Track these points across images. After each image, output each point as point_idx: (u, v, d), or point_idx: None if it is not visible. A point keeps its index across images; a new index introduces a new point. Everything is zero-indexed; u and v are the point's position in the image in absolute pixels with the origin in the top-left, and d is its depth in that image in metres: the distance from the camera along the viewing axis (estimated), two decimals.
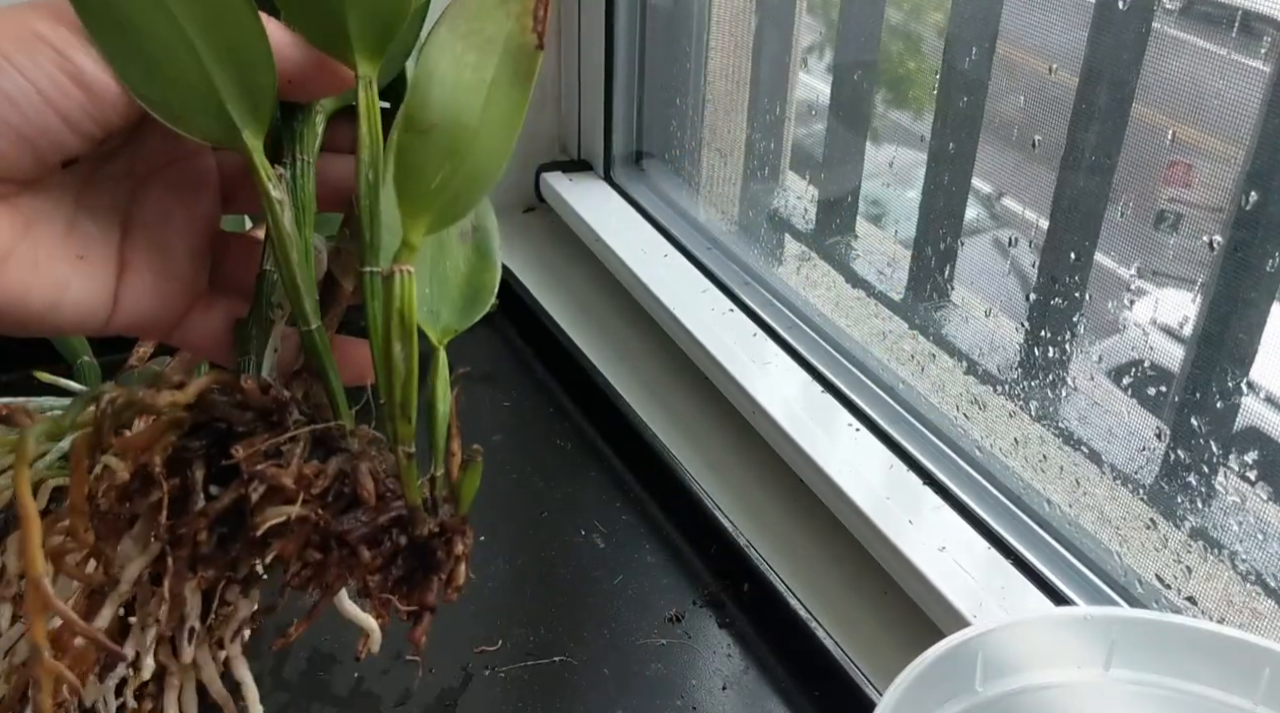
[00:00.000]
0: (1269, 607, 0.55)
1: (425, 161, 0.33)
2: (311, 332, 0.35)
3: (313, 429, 0.34)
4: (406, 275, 0.34)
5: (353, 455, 0.35)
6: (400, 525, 0.35)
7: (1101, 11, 0.58)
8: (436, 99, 0.33)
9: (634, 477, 0.76)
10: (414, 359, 0.35)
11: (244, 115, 0.34)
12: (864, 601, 0.67)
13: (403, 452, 0.35)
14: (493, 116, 0.33)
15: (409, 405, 0.35)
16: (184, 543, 0.33)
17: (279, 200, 0.34)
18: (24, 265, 0.33)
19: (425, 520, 0.36)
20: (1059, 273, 0.63)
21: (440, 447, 0.37)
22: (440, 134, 0.33)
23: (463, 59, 0.32)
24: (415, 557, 0.36)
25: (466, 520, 0.37)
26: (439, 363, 0.37)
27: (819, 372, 0.78)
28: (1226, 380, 0.56)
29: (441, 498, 0.37)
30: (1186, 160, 0.57)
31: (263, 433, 0.34)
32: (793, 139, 0.90)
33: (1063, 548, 0.62)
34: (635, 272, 0.89)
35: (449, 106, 0.33)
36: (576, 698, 0.59)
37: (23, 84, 0.31)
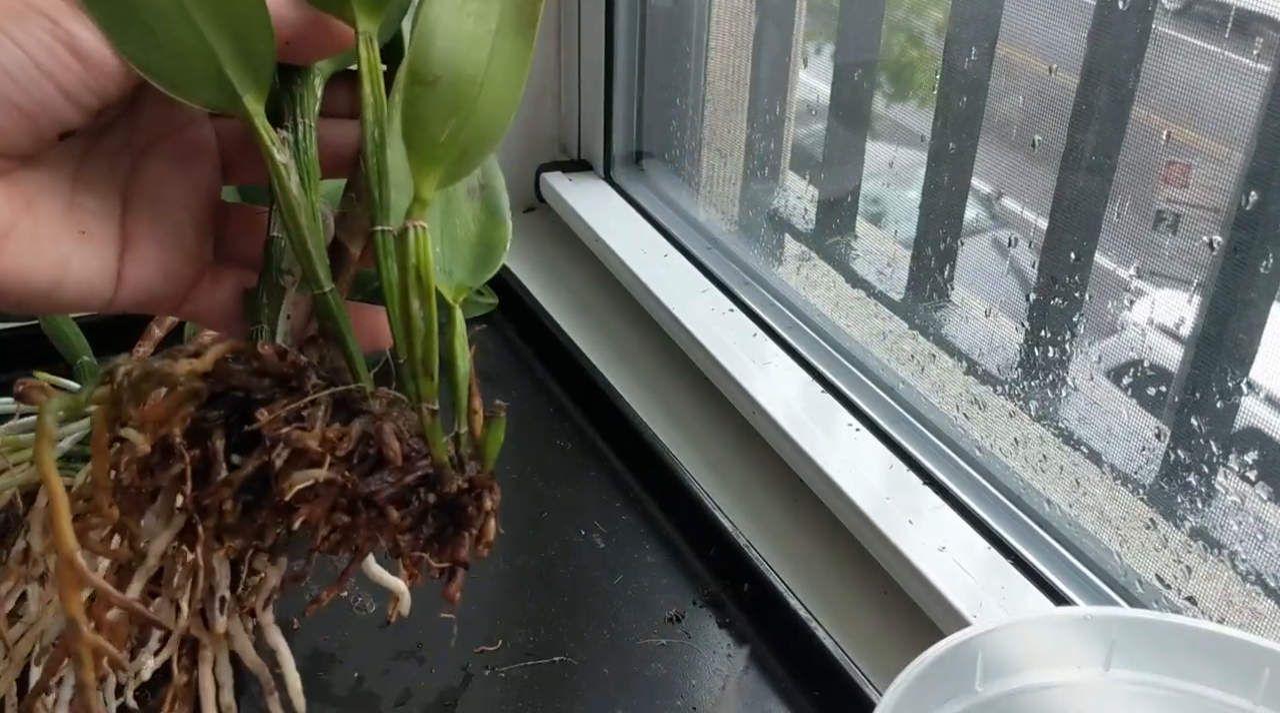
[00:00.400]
0: (1269, 607, 0.55)
1: (432, 114, 0.33)
2: (325, 295, 0.35)
3: (333, 392, 0.33)
4: (421, 231, 0.34)
5: (375, 417, 0.34)
6: (428, 484, 0.35)
7: (1101, 11, 0.58)
8: (440, 50, 0.32)
9: (634, 477, 0.76)
10: (433, 316, 0.34)
11: (244, 80, 0.33)
12: (864, 601, 0.67)
13: (426, 409, 0.35)
14: (498, 68, 0.33)
15: (430, 362, 0.35)
16: (209, 513, 0.33)
17: (284, 164, 0.34)
18: (25, 243, 0.33)
19: (453, 477, 0.35)
20: (1059, 273, 0.63)
21: (463, 404, 0.36)
22: (445, 86, 0.33)
23: (464, 8, 0.32)
24: (445, 514, 0.36)
25: (494, 475, 0.37)
26: (456, 321, 0.37)
27: (819, 372, 0.78)
28: (1226, 380, 0.56)
29: (467, 455, 0.36)
30: (1186, 160, 0.57)
31: (282, 399, 0.33)
32: (793, 139, 0.90)
33: (1063, 548, 0.62)
34: (635, 272, 0.89)
35: (453, 57, 0.33)
36: (576, 698, 0.59)
37: (18, 55, 0.30)
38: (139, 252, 0.36)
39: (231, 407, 0.33)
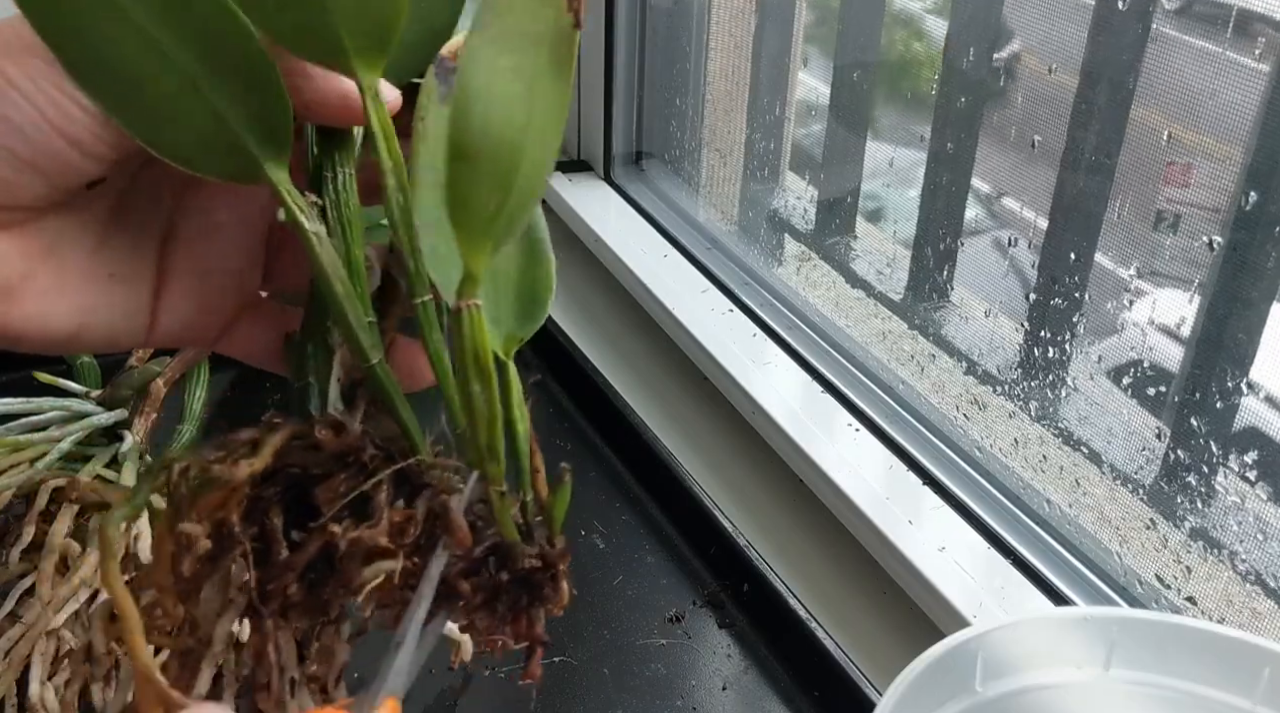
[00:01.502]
0: (1269, 607, 0.55)
1: (477, 191, 0.30)
2: (372, 367, 0.33)
3: (393, 470, 0.32)
4: (476, 311, 0.31)
5: (436, 490, 0.33)
6: (499, 556, 0.34)
7: (1101, 12, 0.58)
8: (478, 121, 0.30)
9: (634, 477, 0.76)
10: (495, 400, 0.32)
11: (262, 147, 0.31)
12: (864, 601, 0.67)
13: (495, 491, 0.33)
14: (538, 120, 0.30)
15: (496, 446, 0.32)
16: (273, 596, 0.32)
17: (315, 233, 0.32)
18: (42, 292, 0.31)
19: (524, 553, 0.34)
20: (1059, 273, 0.63)
21: (526, 467, 0.34)
22: (487, 159, 0.30)
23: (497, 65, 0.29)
24: (518, 588, 0.34)
25: (569, 546, 0.35)
26: (511, 379, 0.34)
27: (819, 372, 0.78)
28: (1226, 381, 0.56)
29: (535, 521, 0.35)
30: (1186, 161, 0.57)
31: (339, 473, 0.32)
32: (792, 139, 0.90)
33: (1063, 548, 0.62)
34: (635, 272, 0.89)
35: (493, 125, 0.30)
36: (576, 698, 0.59)
37: (25, 108, 0.29)
38: (176, 288, 0.34)
39: (288, 482, 0.32)
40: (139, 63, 0.29)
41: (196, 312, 0.35)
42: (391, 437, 0.33)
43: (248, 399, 0.81)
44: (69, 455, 0.63)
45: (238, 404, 0.81)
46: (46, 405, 0.65)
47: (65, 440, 0.62)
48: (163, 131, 0.30)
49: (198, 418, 0.73)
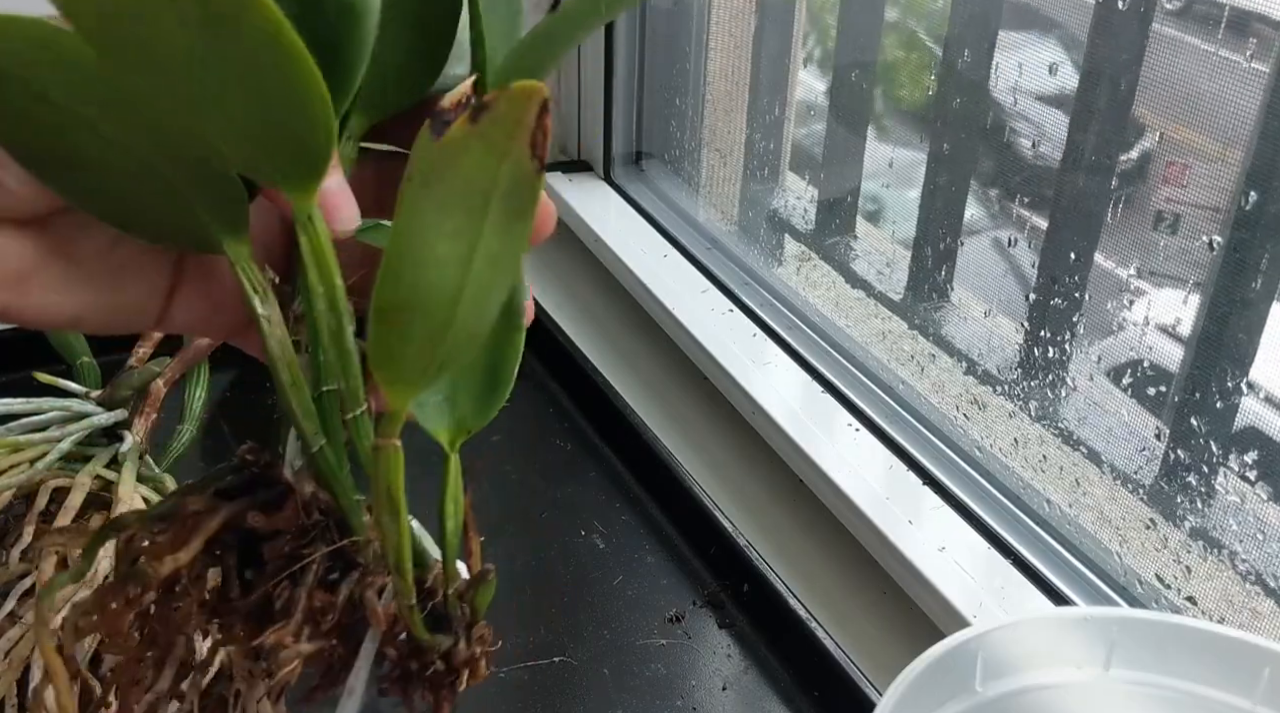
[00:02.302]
0: (1269, 607, 0.55)
1: (404, 347, 0.29)
2: (314, 454, 0.32)
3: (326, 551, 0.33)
4: (393, 451, 0.30)
5: (365, 573, 0.34)
6: (412, 649, 0.35)
7: (1101, 12, 0.58)
8: (406, 287, 0.27)
9: (634, 477, 0.76)
10: (405, 529, 0.32)
11: (220, 226, 0.30)
12: (864, 601, 0.67)
13: (404, 605, 0.33)
14: (481, 278, 0.28)
15: (404, 566, 0.33)
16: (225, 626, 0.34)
17: (265, 316, 0.31)
18: (50, 284, 0.31)
19: (435, 648, 0.35)
20: (1058, 273, 0.63)
21: (451, 560, 0.34)
22: (418, 318, 0.28)
23: (439, 228, 0.26)
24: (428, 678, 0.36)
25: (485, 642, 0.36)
26: (450, 474, 0.33)
27: (819, 372, 0.78)
28: (1226, 381, 0.56)
29: (456, 611, 0.35)
30: (1185, 161, 0.57)
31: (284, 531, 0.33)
32: (792, 139, 0.90)
33: (1063, 548, 0.62)
34: (635, 272, 0.89)
35: (422, 288, 0.27)
36: (576, 699, 0.59)
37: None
38: (190, 285, 0.34)
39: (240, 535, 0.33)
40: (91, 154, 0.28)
41: (208, 309, 0.34)
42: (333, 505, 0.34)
43: (248, 399, 0.81)
44: (69, 456, 0.63)
45: (238, 404, 0.81)
46: (46, 406, 0.65)
47: (65, 441, 0.62)
48: (122, 214, 0.29)
49: (198, 418, 0.73)
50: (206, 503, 0.32)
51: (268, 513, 0.32)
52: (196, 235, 0.30)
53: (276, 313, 0.31)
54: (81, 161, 0.28)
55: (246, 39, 0.25)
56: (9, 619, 0.55)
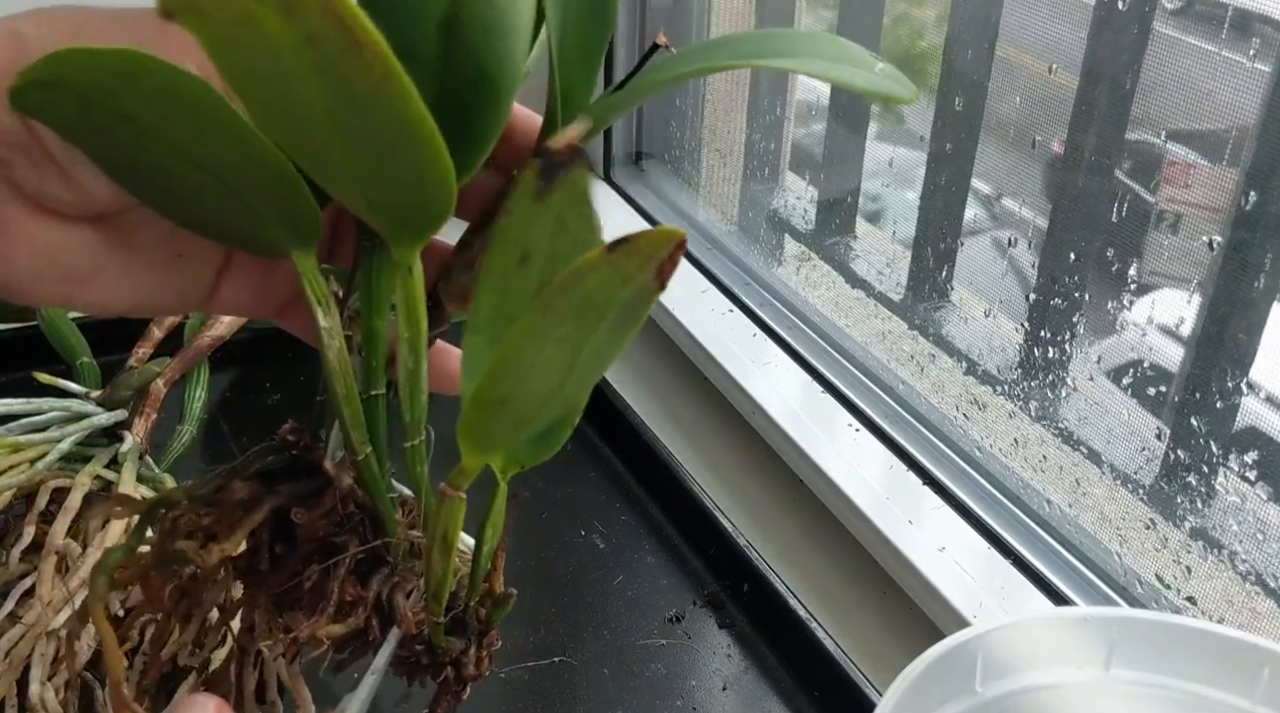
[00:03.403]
0: (1269, 607, 0.55)
1: (494, 427, 0.30)
2: (360, 461, 0.34)
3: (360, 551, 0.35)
4: (457, 503, 0.32)
5: (393, 571, 0.35)
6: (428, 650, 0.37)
7: (1101, 12, 0.58)
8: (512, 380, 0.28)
9: (634, 477, 0.76)
10: (451, 570, 0.34)
11: (289, 236, 0.30)
12: (864, 601, 0.67)
13: (432, 621, 0.36)
14: (579, 376, 0.29)
15: (441, 594, 0.35)
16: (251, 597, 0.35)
17: (326, 329, 0.32)
18: (110, 279, 0.32)
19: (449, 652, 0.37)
20: (1059, 273, 0.63)
21: (479, 579, 0.37)
22: (511, 409, 0.29)
23: (550, 336, 0.27)
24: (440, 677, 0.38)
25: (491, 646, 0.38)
26: (498, 501, 0.35)
27: (819, 372, 0.78)
28: (1226, 381, 0.56)
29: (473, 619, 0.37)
30: (1186, 161, 0.57)
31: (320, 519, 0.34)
32: (792, 139, 0.90)
33: (1063, 548, 0.62)
34: None
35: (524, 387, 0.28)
36: (576, 699, 0.59)
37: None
38: (239, 269, 0.34)
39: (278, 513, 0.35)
40: (166, 168, 0.28)
41: (257, 290, 0.35)
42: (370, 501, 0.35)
43: (248, 399, 0.81)
44: (69, 456, 0.63)
45: (238, 404, 0.81)
46: (46, 406, 0.65)
47: (65, 441, 0.62)
48: (191, 216, 0.30)
49: (198, 418, 0.73)
50: (251, 491, 0.34)
51: (309, 507, 0.34)
52: (265, 243, 0.31)
53: (337, 325, 0.32)
54: (158, 172, 0.29)
55: (382, 114, 0.25)
56: (9, 619, 0.55)
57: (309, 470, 0.34)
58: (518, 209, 0.30)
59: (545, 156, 0.30)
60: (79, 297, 0.32)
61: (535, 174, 0.30)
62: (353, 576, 0.35)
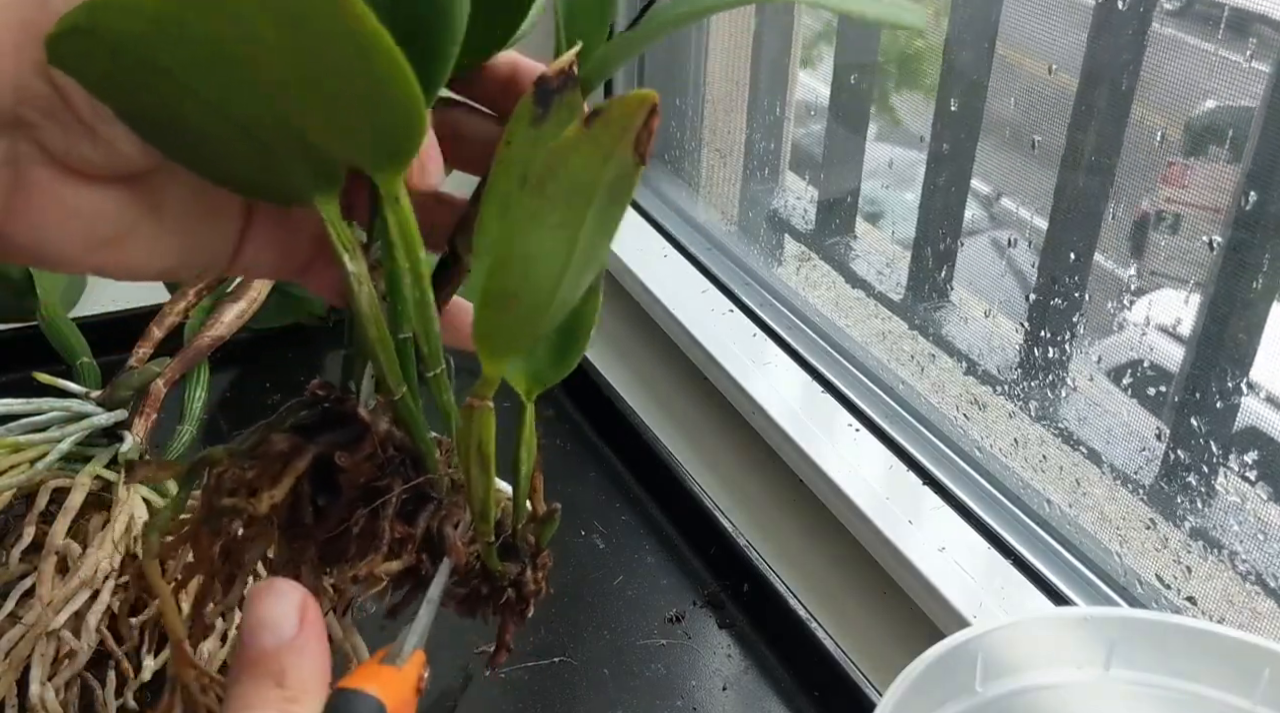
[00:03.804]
0: (1269, 607, 0.55)
1: (505, 326, 0.31)
2: (397, 401, 0.34)
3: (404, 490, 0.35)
4: (485, 411, 0.32)
5: (440, 507, 0.36)
6: (484, 576, 0.38)
7: (1101, 13, 0.58)
8: (515, 277, 0.29)
9: (634, 477, 0.76)
10: (492, 483, 0.35)
11: (313, 182, 0.31)
12: (864, 601, 0.67)
13: (484, 542, 0.36)
14: (579, 260, 0.29)
15: (487, 511, 0.35)
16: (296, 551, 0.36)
17: (355, 274, 0.32)
18: (142, 242, 0.32)
19: (505, 576, 0.38)
20: (1058, 273, 0.63)
21: (523, 500, 0.37)
22: (520, 305, 0.30)
23: (546, 223, 0.28)
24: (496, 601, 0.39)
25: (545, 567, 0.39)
26: (526, 422, 0.35)
27: (819, 372, 0.78)
28: (1226, 381, 0.56)
29: (523, 540, 0.38)
30: (1185, 161, 0.57)
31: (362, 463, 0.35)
32: (792, 139, 0.90)
33: (1063, 548, 0.62)
34: (635, 272, 0.89)
35: (530, 278, 0.29)
36: (576, 699, 0.59)
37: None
38: (261, 226, 0.34)
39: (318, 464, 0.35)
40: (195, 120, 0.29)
41: (279, 247, 0.35)
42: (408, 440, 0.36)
43: (248, 400, 0.81)
44: (69, 456, 0.63)
45: (237, 404, 0.81)
46: (46, 406, 0.65)
47: (65, 441, 0.62)
48: (218, 168, 0.31)
49: (198, 418, 0.73)
50: (291, 442, 0.34)
51: (350, 451, 0.34)
52: (288, 191, 0.31)
53: (364, 270, 0.32)
54: (186, 125, 0.29)
55: (338, 41, 0.26)
56: (9, 619, 0.55)
57: (344, 420, 0.35)
58: (517, 137, 0.31)
59: (540, 83, 0.31)
60: (111, 261, 0.32)
61: (532, 101, 0.31)
62: (399, 516, 0.35)
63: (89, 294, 0.86)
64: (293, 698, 0.29)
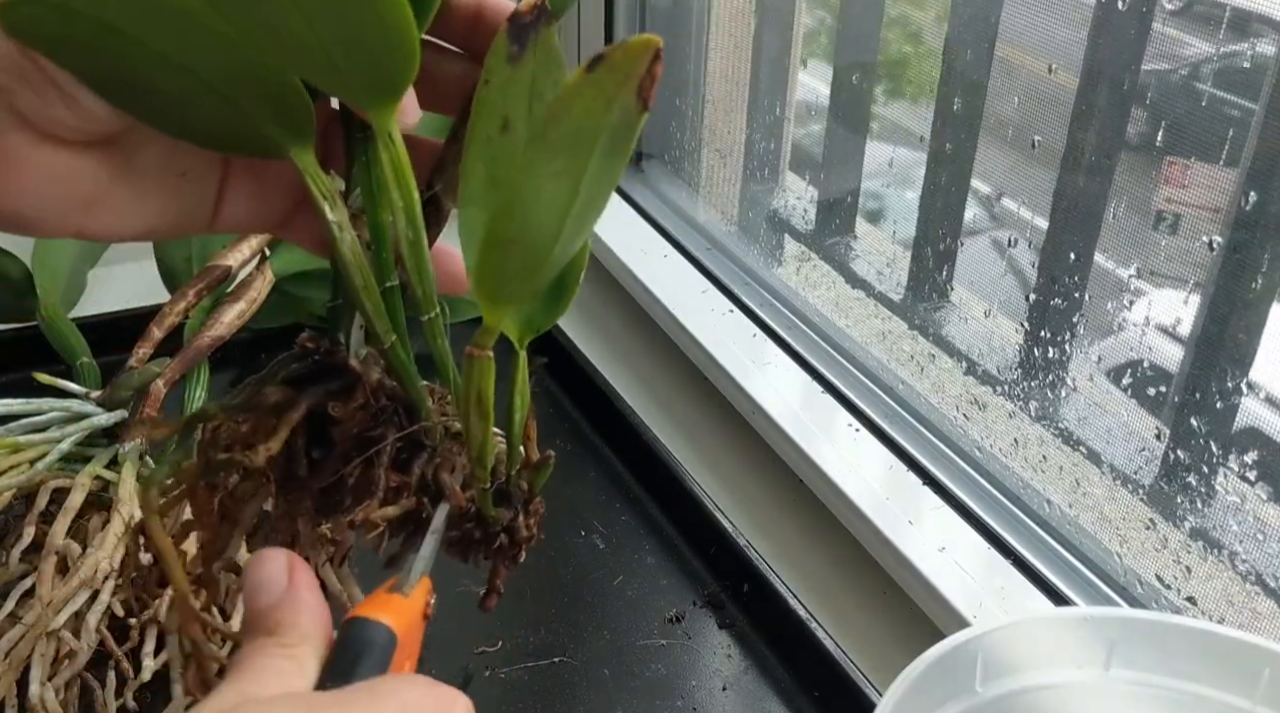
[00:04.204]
0: (1269, 607, 0.55)
1: (507, 271, 0.31)
2: (387, 349, 0.35)
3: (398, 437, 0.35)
4: (485, 361, 0.33)
5: (434, 453, 0.36)
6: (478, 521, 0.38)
7: (1101, 12, 0.58)
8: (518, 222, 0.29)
9: (634, 477, 0.76)
10: (490, 431, 0.35)
11: (286, 134, 0.31)
12: (864, 601, 0.67)
13: (479, 489, 0.37)
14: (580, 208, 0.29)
15: (485, 458, 0.35)
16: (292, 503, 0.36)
17: (335, 222, 0.32)
18: (120, 202, 0.32)
19: (499, 521, 0.38)
20: (1058, 273, 0.63)
21: (517, 445, 0.37)
22: (521, 248, 0.30)
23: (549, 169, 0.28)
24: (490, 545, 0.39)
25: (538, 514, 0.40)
26: (520, 367, 0.36)
27: (819, 372, 0.78)
28: (1226, 381, 0.56)
29: (517, 486, 0.38)
30: (1185, 161, 0.57)
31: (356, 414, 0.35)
32: (792, 139, 0.90)
33: (1063, 548, 0.62)
34: (635, 272, 0.89)
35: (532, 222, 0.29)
36: (576, 699, 0.59)
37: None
38: (239, 180, 0.35)
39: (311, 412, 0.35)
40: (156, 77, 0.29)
41: (258, 202, 0.35)
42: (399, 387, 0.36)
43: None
44: (69, 456, 0.63)
45: None
46: (46, 406, 0.65)
47: (65, 441, 0.62)
48: (189, 128, 0.31)
49: None
50: (284, 393, 0.34)
51: (343, 401, 0.35)
52: (262, 144, 0.31)
53: (345, 218, 0.33)
54: (148, 85, 0.29)
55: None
56: (9, 619, 0.55)
57: (336, 371, 0.35)
58: (494, 76, 0.31)
59: (513, 19, 0.31)
60: (89, 225, 0.32)
61: (506, 38, 0.31)
62: (394, 464, 0.35)
63: (89, 294, 0.86)
64: (291, 645, 0.30)
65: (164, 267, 0.82)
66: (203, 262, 0.77)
